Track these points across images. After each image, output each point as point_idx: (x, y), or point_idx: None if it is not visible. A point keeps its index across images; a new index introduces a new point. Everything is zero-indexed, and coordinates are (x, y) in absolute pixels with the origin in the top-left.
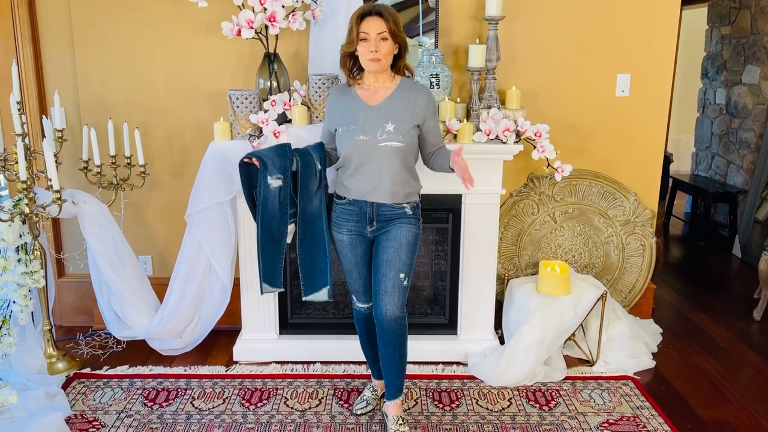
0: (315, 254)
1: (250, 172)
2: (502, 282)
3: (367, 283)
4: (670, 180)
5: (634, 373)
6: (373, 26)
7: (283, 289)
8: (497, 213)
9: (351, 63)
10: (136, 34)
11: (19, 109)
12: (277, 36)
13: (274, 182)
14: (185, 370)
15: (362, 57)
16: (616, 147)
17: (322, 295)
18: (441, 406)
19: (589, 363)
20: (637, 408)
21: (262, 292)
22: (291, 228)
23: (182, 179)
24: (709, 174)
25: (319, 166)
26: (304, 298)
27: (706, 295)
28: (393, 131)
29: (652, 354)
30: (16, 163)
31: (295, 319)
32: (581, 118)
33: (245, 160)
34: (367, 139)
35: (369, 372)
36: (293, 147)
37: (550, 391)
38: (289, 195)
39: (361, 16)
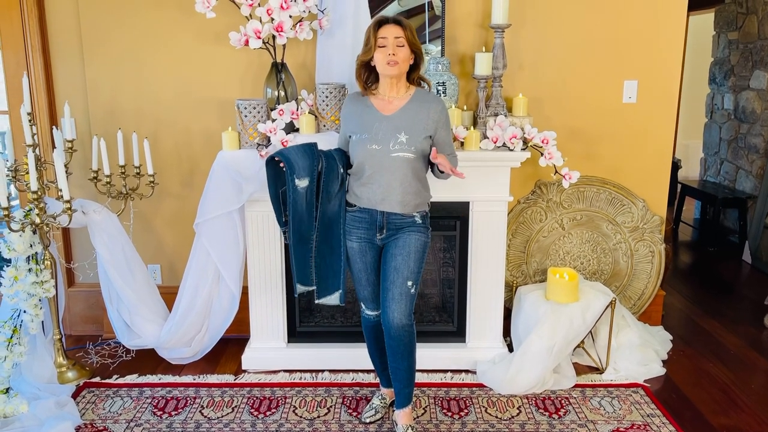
0: (330, 257)
1: (276, 171)
2: (510, 289)
3: (375, 291)
4: (679, 186)
5: (644, 381)
6: (391, 32)
7: (315, 286)
8: (505, 220)
9: (366, 74)
10: (145, 44)
11: (29, 121)
12: (284, 46)
13: (302, 183)
14: (194, 379)
15: (380, 63)
16: (623, 153)
17: (334, 299)
18: (450, 414)
19: (599, 370)
20: (648, 416)
21: (296, 293)
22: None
23: (191, 188)
24: (718, 179)
25: (341, 170)
26: (316, 301)
27: (716, 301)
28: (406, 142)
29: (662, 361)
30: (27, 173)
31: (303, 327)
32: (588, 125)
33: (275, 158)
34: (379, 148)
35: (378, 380)
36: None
37: (559, 398)
38: (314, 194)
39: (379, 23)
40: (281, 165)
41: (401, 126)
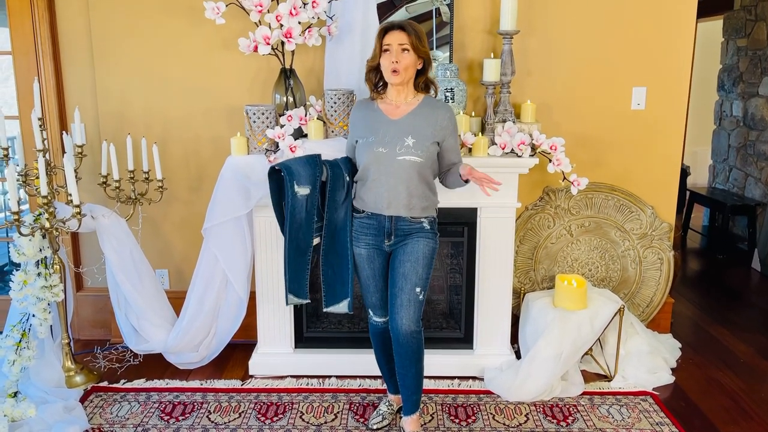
0: (338, 266)
1: (279, 183)
2: (518, 296)
3: (383, 297)
4: (688, 193)
5: (653, 389)
6: (395, 38)
7: (309, 300)
8: (513, 226)
9: (376, 78)
10: (155, 50)
11: (40, 126)
12: (293, 52)
13: (302, 190)
14: (201, 384)
15: (385, 70)
16: (632, 160)
17: (342, 307)
18: (457, 421)
19: (607, 378)
20: (657, 424)
21: (287, 303)
22: (316, 241)
23: (199, 194)
24: (727, 187)
25: (347, 178)
26: (324, 310)
27: (726, 309)
28: (412, 146)
29: (671, 369)
30: (37, 178)
31: (310, 332)
32: (597, 131)
33: (275, 168)
34: (385, 151)
35: (385, 386)
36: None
37: (567, 406)
38: (316, 206)
39: (384, 30)
40: (282, 173)
41: (409, 130)
